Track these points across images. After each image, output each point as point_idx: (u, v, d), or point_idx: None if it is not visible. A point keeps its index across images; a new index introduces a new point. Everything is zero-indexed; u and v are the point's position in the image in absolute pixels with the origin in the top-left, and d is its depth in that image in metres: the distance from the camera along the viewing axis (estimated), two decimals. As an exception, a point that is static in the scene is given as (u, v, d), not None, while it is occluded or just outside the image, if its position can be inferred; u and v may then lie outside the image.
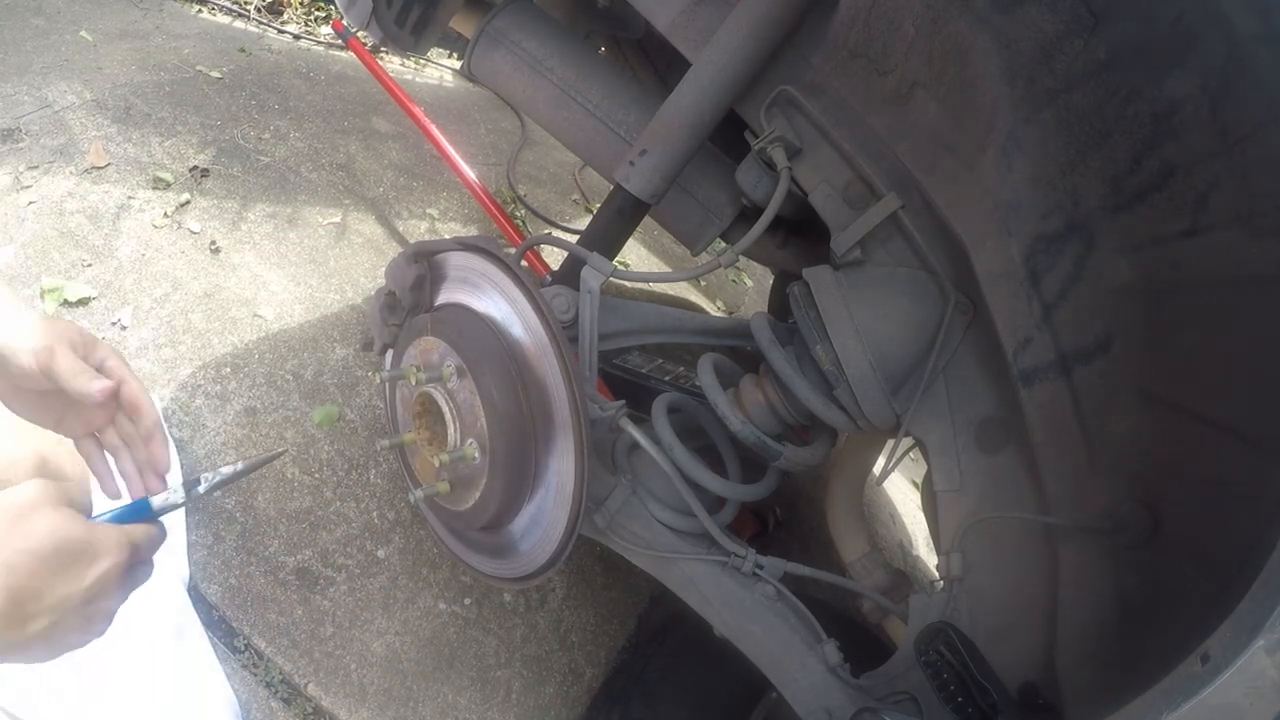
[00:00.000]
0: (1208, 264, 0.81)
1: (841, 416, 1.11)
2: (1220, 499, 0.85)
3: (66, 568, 0.67)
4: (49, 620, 0.66)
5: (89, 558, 0.69)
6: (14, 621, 0.64)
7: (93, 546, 0.69)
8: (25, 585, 0.64)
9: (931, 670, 0.97)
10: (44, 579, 0.65)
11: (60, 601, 0.67)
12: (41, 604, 0.66)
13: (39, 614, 0.65)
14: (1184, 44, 0.76)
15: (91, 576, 0.69)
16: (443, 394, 1.01)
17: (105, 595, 0.70)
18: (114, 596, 0.71)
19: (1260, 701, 0.60)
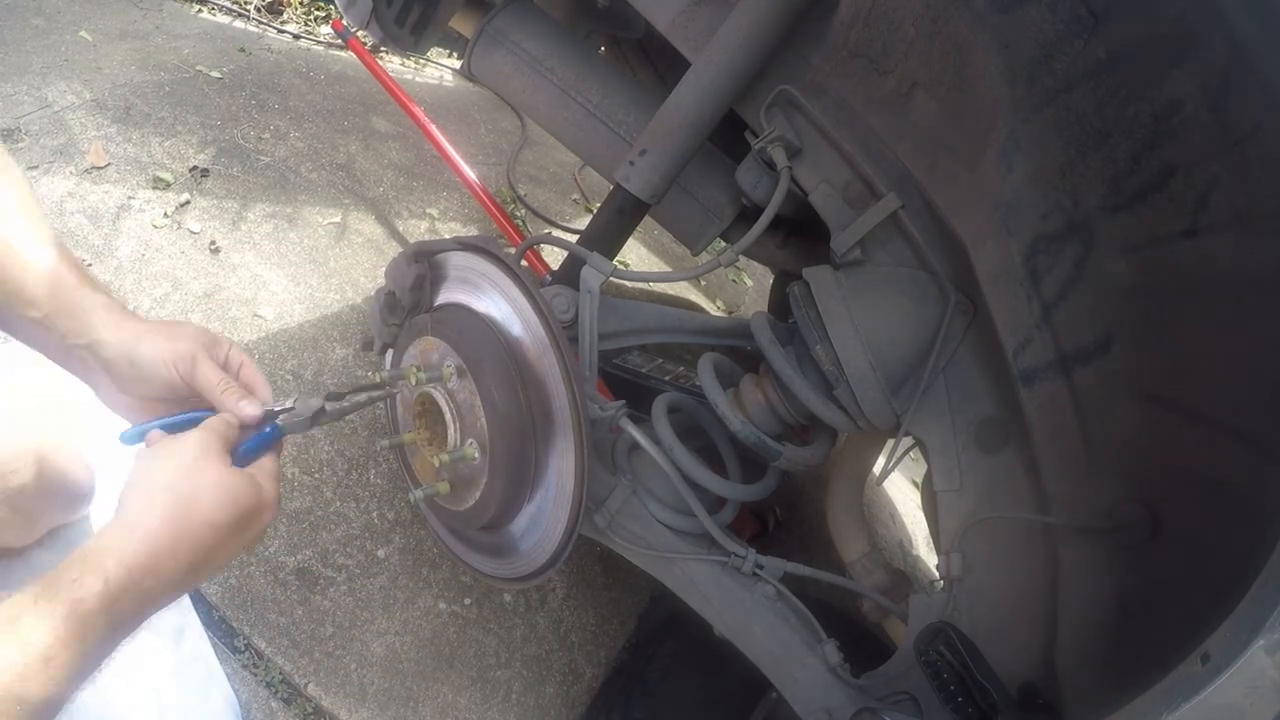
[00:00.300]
0: (1208, 264, 0.81)
1: (841, 416, 1.11)
2: (1220, 499, 0.85)
3: (239, 531, 0.73)
4: (221, 563, 0.73)
5: (257, 516, 0.75)
6: (189, 581, 0.70)
7: (260, 506, 0.75)
8: (207, 557, 0.70)
9: (931, 670, 0.97)
10: (221, 544, 0.71)
11: (233, 551, 0.74)
12: (217, 562, 0.72)
13: (216, 563, 0.72)
14: (1184, 44, 0.76)
15: (256, 530, 0.75)
16: (443, 394, 1.01)
17: (260, 537, 0.77)
18: (262, 535, 0.78)
19: (1260, 701, 0.60)
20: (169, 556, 0.67)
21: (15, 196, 0.85)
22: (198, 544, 0.68)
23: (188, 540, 0.68)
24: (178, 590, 0.69)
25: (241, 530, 0.73)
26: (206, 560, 0.70)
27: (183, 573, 0.68)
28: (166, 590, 0.67)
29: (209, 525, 0.69)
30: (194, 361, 0.80)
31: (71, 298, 0.82)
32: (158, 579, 0.66)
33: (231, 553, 0.73)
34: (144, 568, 0.65)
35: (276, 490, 0.78)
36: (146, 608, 0.66)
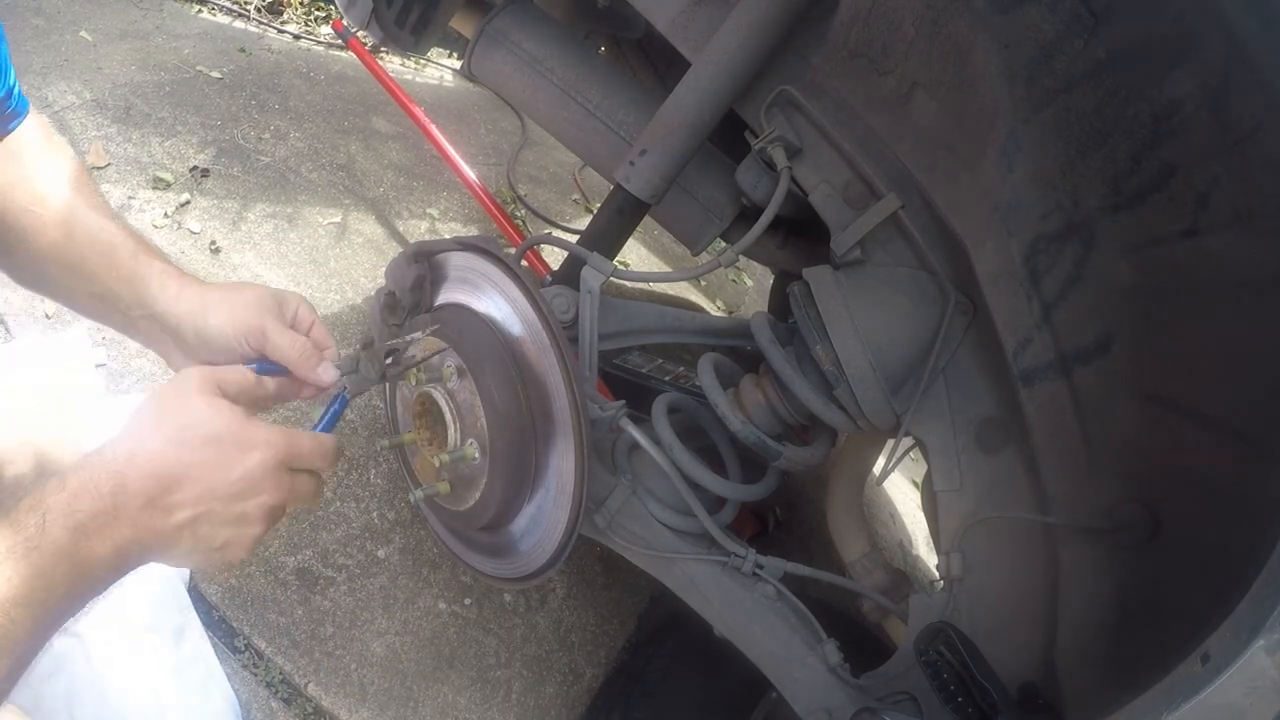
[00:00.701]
0: (1208, 264, 0.81)
1: (841, 416, 1.11)
2: (1220, 499, 0.85)
3: (214, 457, 0.67)
4: (194, 511, 0.66)
5: (239, 449, 0.68)
6: (159, 508, 0.65)
7: (244, 439, 0.68)
8: (170, 471, 0.65)
9: (931, 670, 0.97)
10: (190, 466, 0.66)
11: (206, 492, 0.66)
12: (187, 492, 0.66)
13: (184, 503, 0.66)
14: (1184, 44, 0.76)
15: (240, 469, 0.68)
16: (443, 394, 1.01)
17: (254, 492, 0.69)
18: (264, 495, 0.70)
19: (1260, 701, 0.60)
20: (126, 459, 0.64)
21: (70, 170, 0.85)
22: (158, 455, 0.65)
23: (147, 448, 0.65)
24: (143, 513, 0.64)
25: (218, 457, 0.67)
26: (169, 481, 0.65)
27: (143, 485, 0.64)
28: (130, 504, 0.63)
29: (172, 440, 0.66)
30: (264, 333, 0.79)
31: (129, 267, 0.82)
32: (115, 483, 0.63)
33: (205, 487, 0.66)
34: (102, 467, 0.63)
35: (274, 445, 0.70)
36: (114, 522, 0.63)
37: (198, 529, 0.67)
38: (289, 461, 0.71)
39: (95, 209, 0.84)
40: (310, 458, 0.74)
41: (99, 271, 0.81)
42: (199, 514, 0.67)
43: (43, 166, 0.83)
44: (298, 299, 0.86)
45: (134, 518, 0.64)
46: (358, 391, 0.84)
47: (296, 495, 0.74)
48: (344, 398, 0.82)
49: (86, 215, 0.82)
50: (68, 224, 0.81)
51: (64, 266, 0.82)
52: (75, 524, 0.61)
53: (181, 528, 0.66)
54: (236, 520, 0.69)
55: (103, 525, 0.62)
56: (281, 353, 0.79)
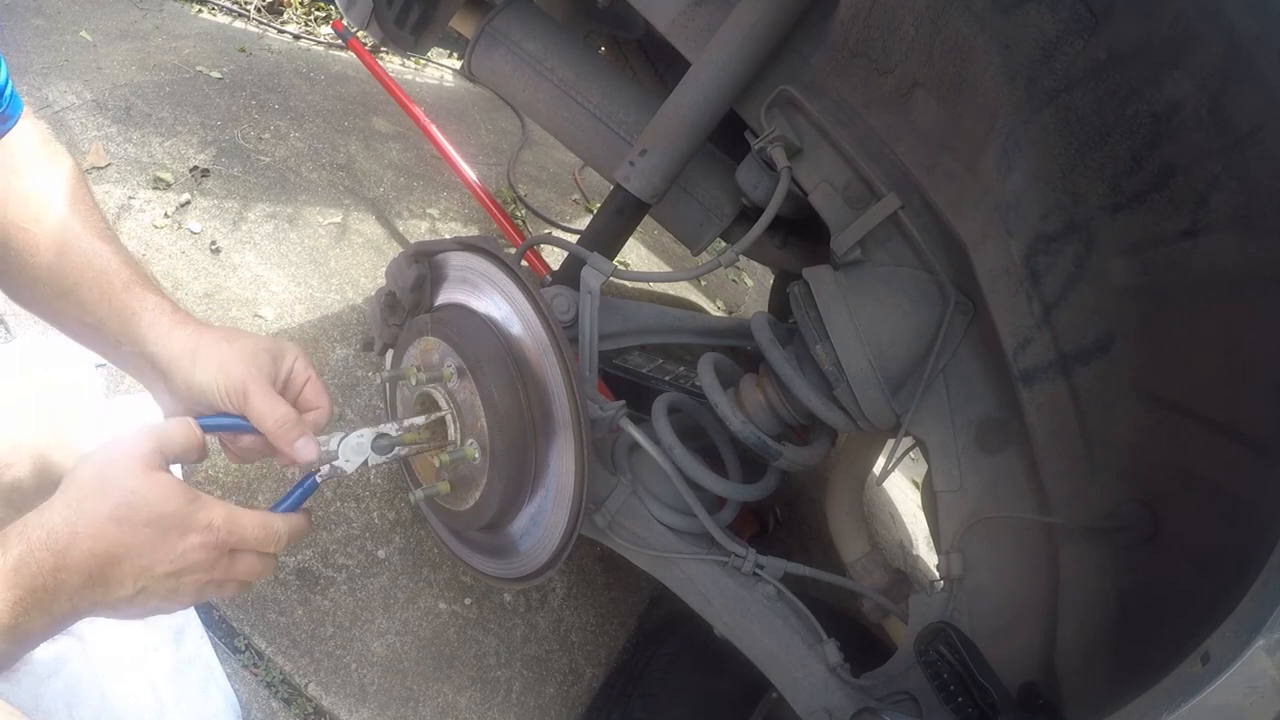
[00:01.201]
0: (1208, 264, 0.81)
1: (841, 416, 1.11)
2: (1220, 499, 0.85)
3: (154, 539, 0.66)
4: (131, 589, 0.66)
5: (179, 532, 0.67)
6: (99, 585, 0.64)
7: (184, 521, 0.67)
8: (111, 551, 0.64)
9: (931, 670, 0.97)
10: (130, 547, 0.65)
11: (143, 570, 0.66)
12: (125, 570, 0.65)
13: (124, 579, 0.65)
14: (1184, 44, 0.76)
15: (178, 549, 0.67)
16: (443, 394, 1.01)
17: (189, 571, 0.68)
18: (199, 574, 0.69)
19: (1260, 701, 0.60)
20: (69, 538, 0.63)
21: (68, 185, 0.82)
22: (99, 534, 0.64)
23: (90, 527, 0.64)
24: (83, 589, 0.63)
25: (158, 539, 0.66)
26: (110, 561, 0.64)
27: (84, 565, 0.63)
28: (69, 581, 0.62)
29: (114, 519, 0.64)
30: (245, 394, 0.75)
31: (122, 299, 0.78)
32: (56, 560, 0.62)
33: (143, 565, 0.66)
34: (42, 544, 0.62)
35: (214, 527, 0.68)
36: (52, 598, 0.62)
37: (134, 599, 0.67)
38: (228, 545, 0.70)
39: (92, 230, 0.80)
40: (254, 542, 0.72)
41: (90, 300, 0.78)
42: (136, 591, 0.67)
43: (38, 180, 0.80)
44: (295, 352, 0.82)
45: (73, 593, 0.63)
46: (333, 474, 0.79)
47: (238, 574, 0.72)
48: (315, 479, 0.78)
49: (81, 237, 0.79)
50: (62, 246, 0.78)
51: (56, 291, 0.78)
52: (14, 599, 0.60)
53: (118, 601, 0.66)
54: (169, 594, 0.69)
55: (41, 600, 0.61)
56: (261, 419, 0.75)
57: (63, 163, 0.83)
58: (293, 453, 0.76)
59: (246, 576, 0.73)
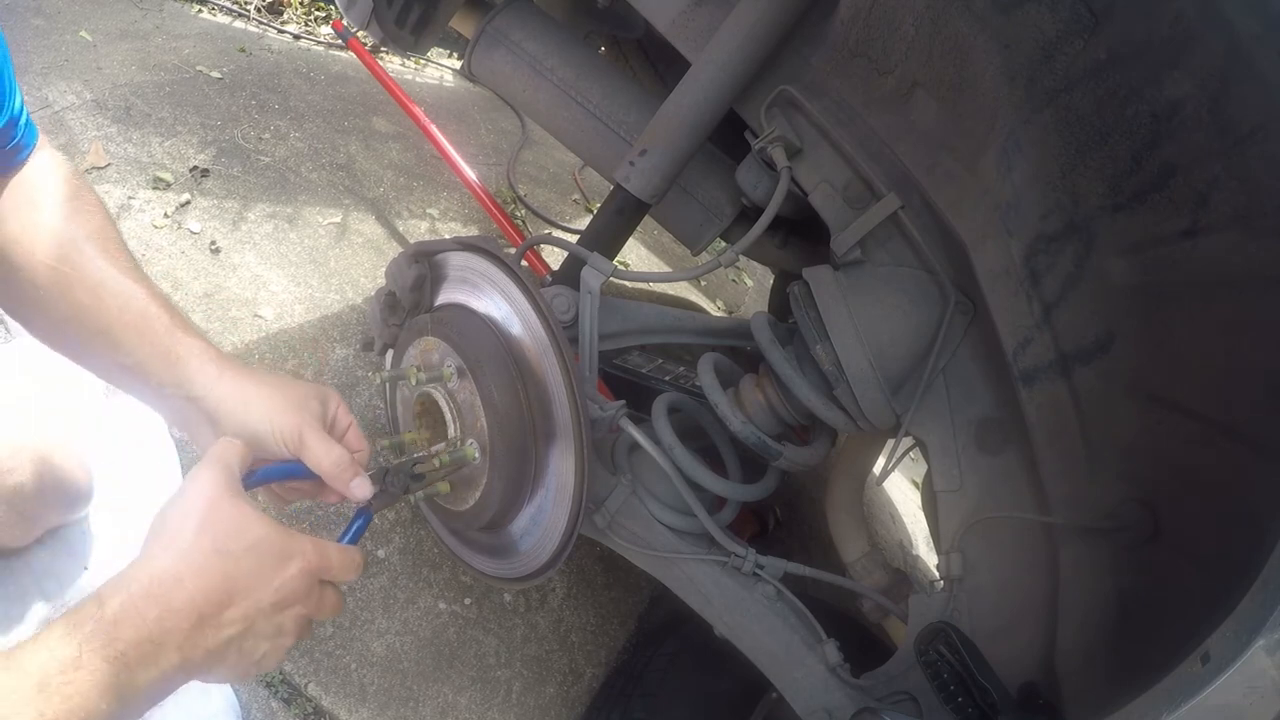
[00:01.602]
0: (1208, 264, 0.81)
1: (841, 416, 1.11)
2: (1220, 499, 0.85)
3: (256, 568, 0.64)
4: (241, 627, 0.64)
5: (278, 559, 0.66)
6: (210, 627, 0.62)
7: (282, 548, 0.66)
8: (220, 586, 0.62)
9: (931, 670, 0.97)
10: (236, 579, 0.63)
11: (252, 605, 0.64)
12: (234, 608, 0.63)
13: (232, 620, 0.63)
14: (1184, 44, 0.76)
15: (280, 578, 0.66)
16: (443, 394, 1.01)
17: (291, 602, 0.67)
18: (300, 605, 0.68)
19: (1260, 701, 0.60)
20: (173, 581, 0.60)
21: (98, 227, 0.81)
22: (204, 570, 0.62)
23: (192, 565, 0.61)
24: (193, 634, 0.61)
25: (260, 567, 0.64)
26: (220, 596, 0.62)
27: (192, 605, 0.60)
28: (178, 627, 0.60)
29: (216, 551, 0.63)
30: (302, 440, 0.76)
31: (165, 343, 0.78)
32: (161, 607, 0.59)
33: (252, 601, 0.64)
34: (145, 592, 0.59)
35: (308, 554, 0.68)
36: (158, 650, 0.59)
37: (243, 643, 0.65)
38: (321, 573, 0.69)
39: (124, 271, 0.79)
40: (339, 570, 0.71)
41: (129, 342, 0.77)
42: (245, 628, 0.64)
43: (66, 218, 0.79)
44: (337, 399, 0.84)
45: (182, 642, 0.60)
46: (382, 507, 0.83)
47: (326, 607, 0.72)
48: (369, 513, 0.81)
49: (116, 279, 0.78)
50: (96, 286, 0.77)
51: (91, 331, 0.77)
52: (116, 654, 0.56)
53: (230, 642, 0.63)
54: (275, 632, 0.67)
55: (146, 654, 0.58)
56: (318, 463, 0.77)
57: (89, 199, 0.82)
58: (349, 492, 0.78)
59: (331, 611, 0.72)
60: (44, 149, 0.81)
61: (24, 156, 0.79)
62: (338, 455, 0.77)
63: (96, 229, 0.80)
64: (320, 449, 0.77)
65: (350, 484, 0.78)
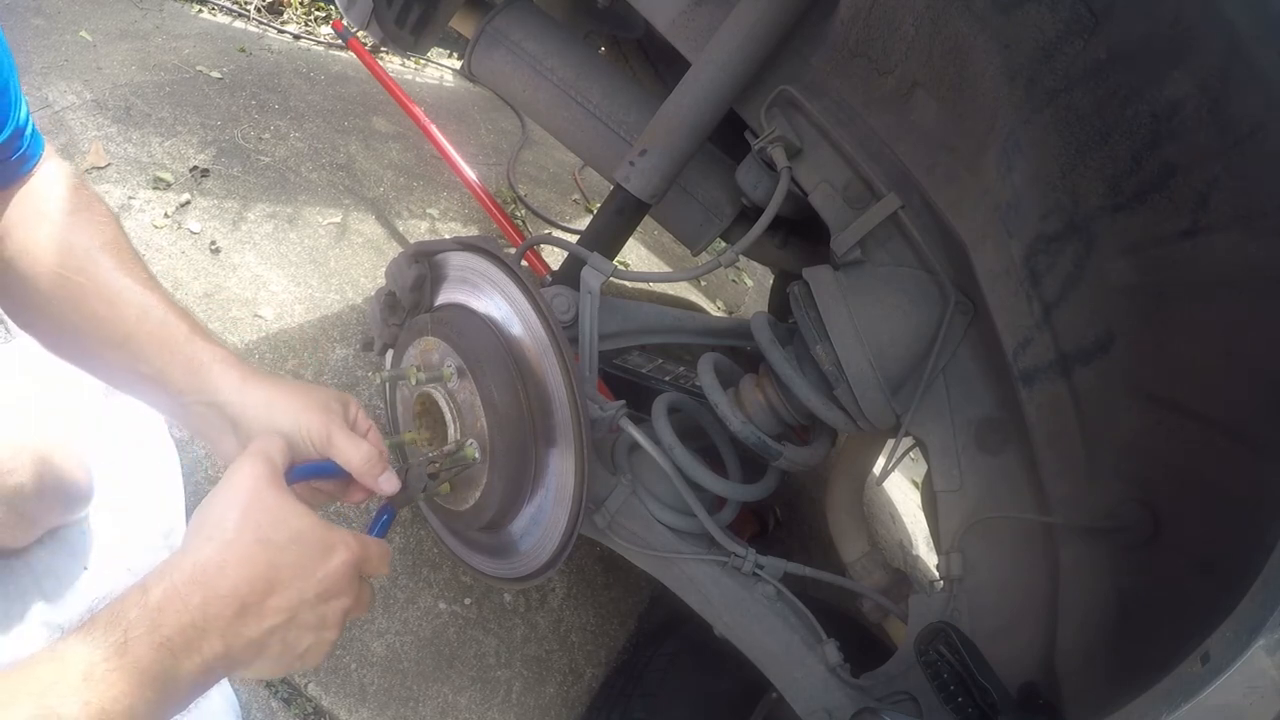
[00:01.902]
0: (1208, 264, 0.81)
1: (841, 416, 1.11)
2: (1220, 499, 0.85)
3: (301, 558, 0.65)
4: (285, 616, 0.64)
5: (322, 550, 0.66)
6: (253, 617, 0.62)
7: (325, 539, 0.67)
8: (264, 575, 0.62)
9: (931, 670, 0.97)
10: (280, 568, 0.63)
11: (296, 594, 0.64)
12: (277, 596, 0.63)
13: (278, 608, 0.63)
14: (1184, 44, 0.76)
15: (324, 569, 0.66)
16: (443, 394, 1.01)
17: (335, 593, 0.67)
18: (343, 598, 0.68)
19: (1260, 701, 0.60)
20: (216, 569, 0.60)
21: (110, 237, 0.81)
22: (248, 558, 0.62)
23: (236, 554, 0.62)
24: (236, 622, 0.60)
25: (304, 558, 0.65)
26: (264, 584, 0.62)
27: (235, 593, 0.60)
28: (221, 614, 0.60)
29: (259, 541, 0.63)
30: (330, 438, 0.77)
31: (185, 351, 0.78)
32: (205, 593, 0.59)
33: (295, 590, 0.64)
34: (189, 579, 0.59)
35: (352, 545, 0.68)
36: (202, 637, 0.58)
37: (287, 634, 0.64)
38: (360, 565, 0.70)
39: (140, 281, 0.80)
40: (376, 562, 0.72)
41: (149, 351, 0.78)
42: (289, 618, 0.64)
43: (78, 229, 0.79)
44: (356, 404, 0.85)
45: (225, 629, 0.60)
46: (402, 504, 0.84)
47: (362, 602, 0.72)
48: (392, 509, 0.82)
49: (131, 289, 0.79)
50: (112, 297, 0.77)
51: (109, 342, 0.78)
52: (160, 640, 0.56)
53: (273, 632, 0.63)
54: (319, 624, 0.67)
55: (190, 640, 0.58)
56: (347, 459, 0.78)
57: (99, 209, 0.83)
58: (378, 487, 0.79)
59: (367, 606, 0.73)
60: (51, 160, 0.82)
61: (30, 167, 0.79)
62: (367, 451, 0.78)
63: (109, 239, 0.81)
64: (349, 447, 0.78)
65: (379, 479, 0.79)
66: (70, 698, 0.51)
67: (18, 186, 0.78)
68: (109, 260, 0.79)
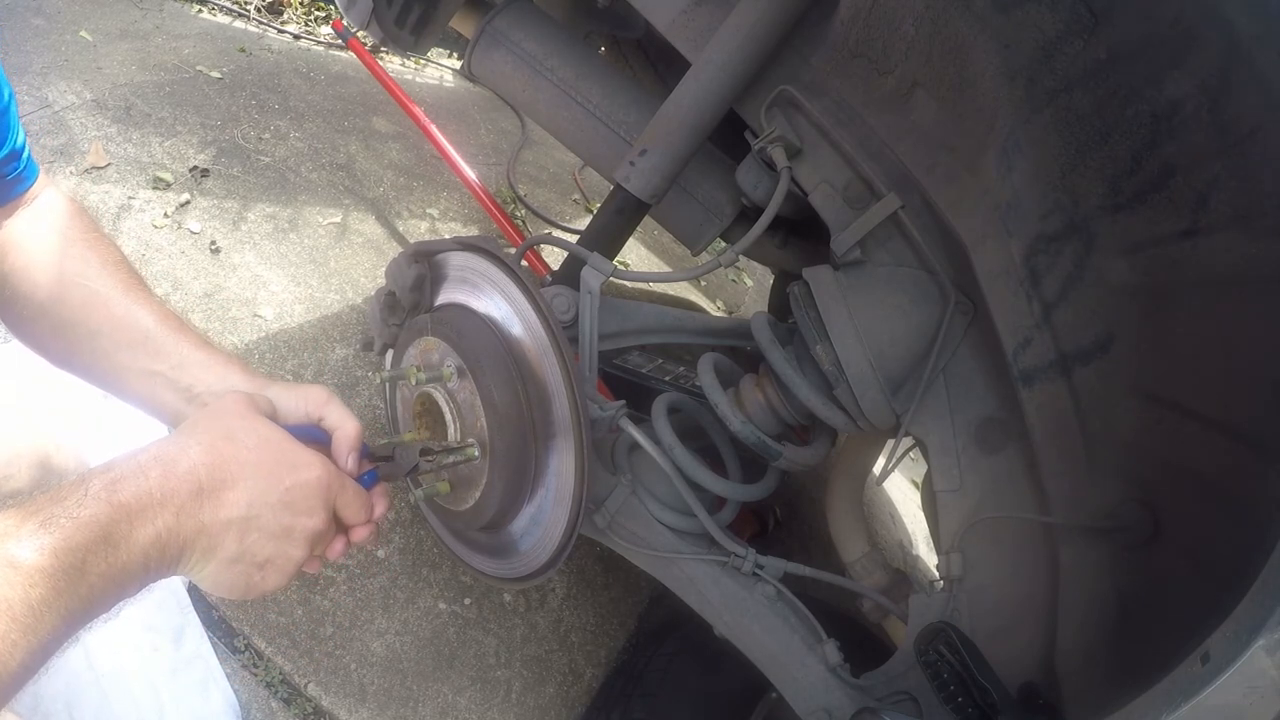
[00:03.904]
0: (1208, 264, 0.81)
1: (841, 416, 1.11)
2: (1220, 499, 0.85)
3: (268, 461, 0.66)
4: (243, 512, 0.64)
5: (291, 461, 0.68)
6: (209, 498, 0.63)
7: (296, 453, 0.69)
8: (224, 464, 0.64)
9: (931, 670, 0.97)
10: (244, 465, 0.65)
11: (257, 494, 0.65)
12: (236, 491, 0.64)
13: (235, 501, 0.64)
14: (1184, 44, 0.76)
15: (291, 479, 0.67)
16: (443, 394, 1.01)
17: (302, 507, 0.68)
18: (310, 517, 0.68)
19: (1260, 701, 0.60)
20: (178, 450, 0.62)
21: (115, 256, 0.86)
22: (211, 447, 0.64)
23: (200, 441, 0.64)
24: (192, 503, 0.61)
25: (270, 462, 0.66)
26: (223, 474, 0.63)
27: (193, 473, 0.62)
28: (178, 490, 0.61)
29: (226, 438, 0.65)
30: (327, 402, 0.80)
31: (204, 348, 0.83)
32: (164, 469, 0.61)
33: (257, 489, 0.64)
34: (151, 456, 0.61)
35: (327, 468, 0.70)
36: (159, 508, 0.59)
37: (245, 534, 0.65)
38: (334, 492, 0.71)
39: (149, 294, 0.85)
40: (352, 503, 0.73)
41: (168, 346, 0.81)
42: (248, 516, 0.64)
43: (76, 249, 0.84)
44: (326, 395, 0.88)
45: (181, 505, 0.61)
46: (389, 476, 0.85)
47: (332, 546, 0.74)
48: (374, 472, 0.83)
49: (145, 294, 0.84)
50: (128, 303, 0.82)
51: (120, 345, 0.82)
52: (118, 502, 0.57)
53: (229, 525, 0.63)
54: (282, 534, 0.67)
55: (145, 507, 0.59)
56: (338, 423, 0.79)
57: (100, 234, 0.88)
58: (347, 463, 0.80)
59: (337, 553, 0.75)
60: (50, 188, 0.87)
61: (24, 189, 0.84)
62: (357, 425, 0.80)
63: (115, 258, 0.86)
64: (343, 415, 0.80)
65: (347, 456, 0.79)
66: (29, 541, 0.52)
67: (13, 206, 0.83)
68: (119, 275, 0.84)
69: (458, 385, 1.00)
